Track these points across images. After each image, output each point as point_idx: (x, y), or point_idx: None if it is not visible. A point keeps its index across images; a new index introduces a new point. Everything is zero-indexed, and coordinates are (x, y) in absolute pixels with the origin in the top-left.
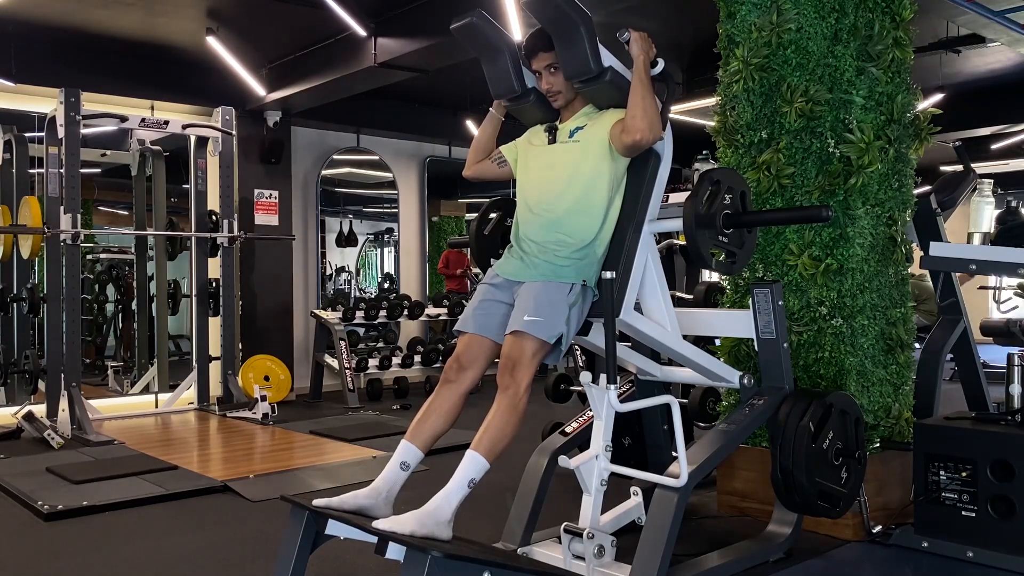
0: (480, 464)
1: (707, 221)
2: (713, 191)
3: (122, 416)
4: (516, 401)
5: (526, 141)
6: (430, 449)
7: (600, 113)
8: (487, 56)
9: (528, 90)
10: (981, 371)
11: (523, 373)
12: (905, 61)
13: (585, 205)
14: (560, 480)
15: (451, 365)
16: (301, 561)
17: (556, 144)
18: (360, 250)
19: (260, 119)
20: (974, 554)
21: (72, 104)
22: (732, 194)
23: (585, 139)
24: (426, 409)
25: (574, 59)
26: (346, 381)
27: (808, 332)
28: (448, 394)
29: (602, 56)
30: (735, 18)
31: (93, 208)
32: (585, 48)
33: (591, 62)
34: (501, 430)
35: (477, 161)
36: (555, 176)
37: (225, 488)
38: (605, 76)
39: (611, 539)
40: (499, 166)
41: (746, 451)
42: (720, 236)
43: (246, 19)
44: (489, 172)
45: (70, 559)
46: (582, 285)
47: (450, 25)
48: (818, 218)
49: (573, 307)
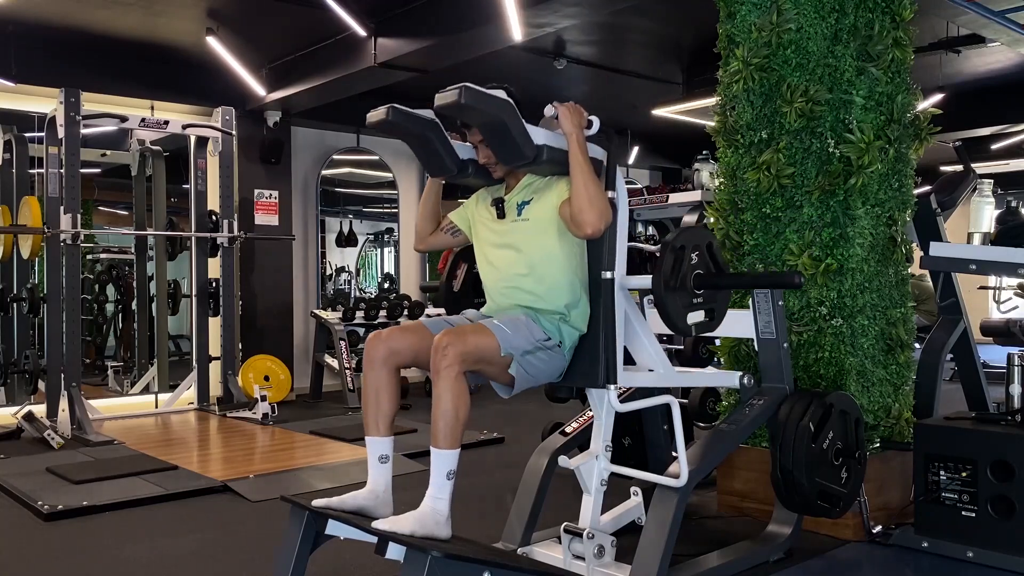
0: (448, 456)
1: (678, 287)
2: (677, 258)
3: (122, 416)
4: (452, 378)
5: (475, 209)
6: (396, 433)
7: (544, 182)
8: (413, 144)
9: (464, 164)
10: (981, 371)
11: (457, 347)
12: (905, 61)
13: (549, 281)
14: (560, 480)
15: (371, 340)
16: (301, 561)
17: (506, 221)
18: (360, 250)
19: (260, 119)
20: (974, 554)
21: (72, 104)
22: (698, 251)
23: (535, 218)
24: (366, 400)
25: (505, 150)
26: (346, 381)
27: (808, 332)
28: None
29: (533, 136)
30: (735, 18)
31: (93, 208)
32: (513, 139)
33: (523, 150)
34: (451, 414)
35: (430, 233)
36: (513, 258)
37: (225, 488)
38: (541, 157)
39: (611, 539)
40: (453, 236)
41: (746, 451)
42: (694, 299)
43: (246, 19)
44: (444, 243)
45: (70, 559)
46: (557, 344)
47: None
48: (789, 284)
49: (540, 352)
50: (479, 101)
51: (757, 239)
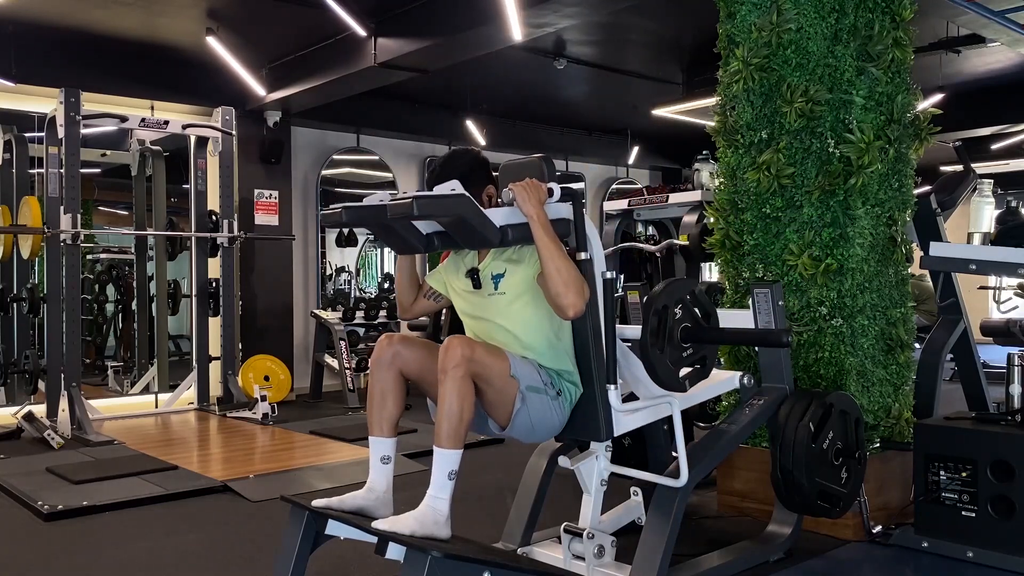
0: (450, 456)
1: (668, 345)
2: (661, 319)
3: (122, 416)
4: (457, 378)
5: (450, 276)
6: (397, 433)
7: (516, 252)
8: (376, 232)
9: (428, 238)
10: (981, 371)
11: (462, 351)
12: (905, 61)
13: (532, 347)
14: (560, 480)
15: (382, 341)
16: (301, 561)
17: (482, 293)
18: (360, 250)
19: (260, 119)
20: (974, 554)
21: (72, 104)
22: (682, 304)
23: (511, 290)
24: (370, 399)
25: (469, 240)
26: (346, 381)
27: (808, 332)
28: (380, 375)
29: (495, 219)
30: (735, 18)
31: (93, 208)
32: (475, 230)
33: (487, 237)
34: (455, 414)
35: (412, 302)
36: (495, 328)
37: (225, 488)
38: (507, 238)
39: (611, 539)
40: (436, 301)
41: (746, 451)
42: (684, 353)
43: (246, 19)
44: (428, 309)
45: (70, 559)
46: (557, 393)
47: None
48: (777, 343)
49: (538, 392)
50: (432, 208)
51: (757, 239)
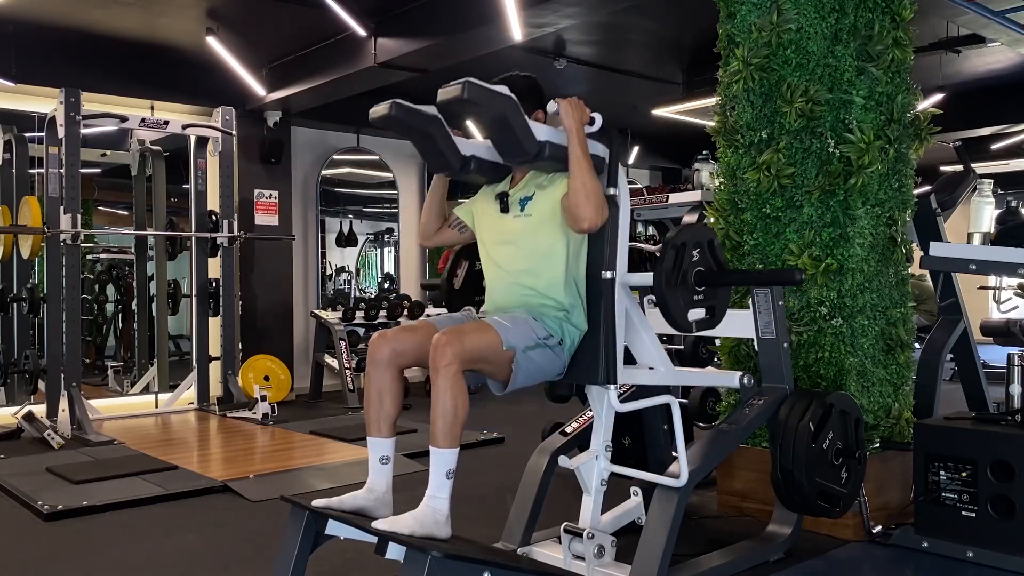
0: (447, 455)
1: (679, 284)
2: (679, 255)
3: (122, 416)
4: (450, 376)
5: (480, 207)
6: (397, 433)
7: (548, 179)
8: (416, 140)
9: (467, 160)
10: (981, 371)
11: (457, 346)
12: (905, 61)
13: (549, 277)
14: (560, 480)
15: (375, 340)
16: (301, 561)
17: (508, 217)
18: (360, 250)
19: (260, 119)
20: (974, 554)
21: (72, 104)
22: (699, 248)
23: (537, 213)
24: (367, 399)
25: (507, 146)
26: (346, 381)
27: (808, 332)
28: (377, 375)
29: (535, 132)
30: (735, 18)
31: (93, 208)
32: (515, 135)
33: (524, 145)
34: (450, 413)
35: (435, 230)
36: (515, 252)
37: (225, 488)
38: (543, 154)
39: (611, 539)
40: (460, 232)
41: (746, 451)
42: (695, 296)
43: (246, 19)
44: (450, 239)
45: (70, 559)
46: (558, 342)
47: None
48: (791, 281)
49: (541, 348)
50: (481, 97)
51: (757, 239)
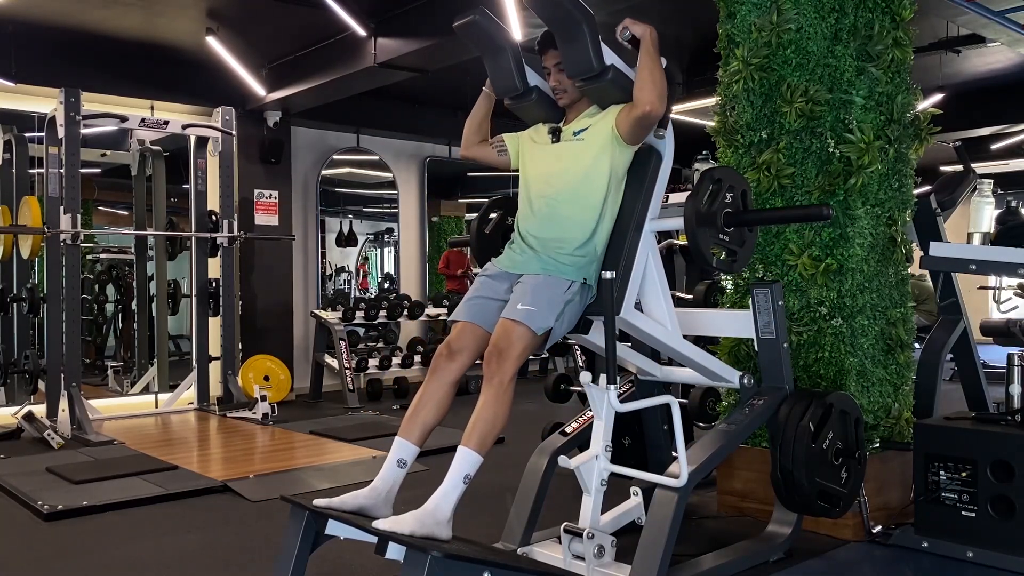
0: (473, 459)
1: (708, 219)
2: (714, 190)
3: (122, 416)
4: (502, 391)
5: (528, 138)
6: (424, 443)
7: (604, 113)
8: (489, 54)
9: (530, 89)
10: (981, 371)
11: (510, 363)
12: (905, 61)
13: (583, 198)
14: (560, 480)
15: (441, 352)
16: (301, 561)
17: (560, 143)
18: (360, 250)
19: (260, 119)
20: (974, 554)
21: (72, 104)
22: (733, 192)
23: (589, 137)
24: (417, 402)
25: (576, 57)
26: (346, 381)
27: (808, 332)
28: (438, 384)
29: (605, 55)
30: (735, 18)
31: (93, 208)
32: (587, 45)
33: (593, 60)
34: (490, 422)
35: (476, 143)
36: (555, 171)
37: (225, 488)
38: (607, 75)
39: (611, 539)
40: (499, 153)
41: (746, 451)
42: (721, 235)
43: (246, 19)
44: (487, 156)
45: (70, 559)
46: (581, 283)
47: (453, 23)
48: (819, 216)
49: (569, 304)
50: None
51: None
